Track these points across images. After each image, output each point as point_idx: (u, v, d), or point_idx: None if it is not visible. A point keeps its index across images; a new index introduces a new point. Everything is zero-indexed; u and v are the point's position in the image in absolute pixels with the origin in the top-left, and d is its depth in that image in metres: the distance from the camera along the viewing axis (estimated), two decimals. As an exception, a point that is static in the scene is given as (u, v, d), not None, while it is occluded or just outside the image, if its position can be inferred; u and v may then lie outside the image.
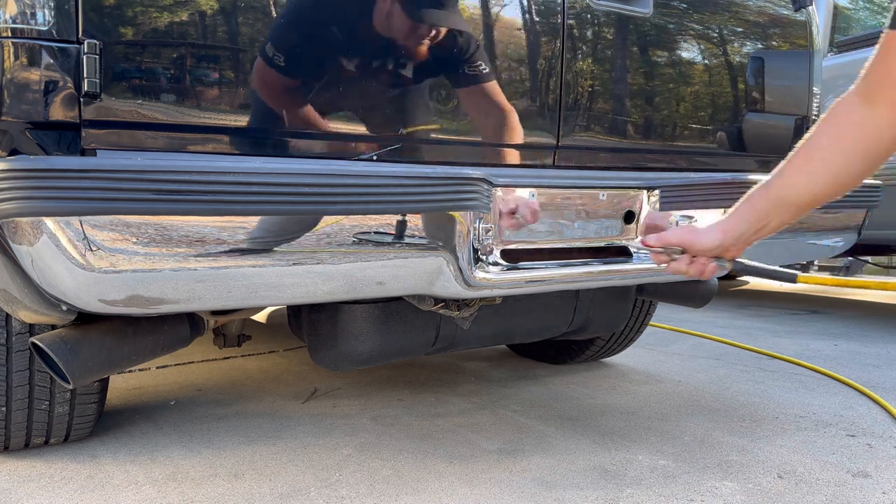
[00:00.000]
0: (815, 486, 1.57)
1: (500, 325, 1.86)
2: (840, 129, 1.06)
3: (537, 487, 1.55)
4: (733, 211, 1.18)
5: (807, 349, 3.09)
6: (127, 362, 1.46)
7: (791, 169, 1.12)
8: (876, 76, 1.01)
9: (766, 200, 1.15)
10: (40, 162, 0.99)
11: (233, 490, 1.52)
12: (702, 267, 1.21)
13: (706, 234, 1.19)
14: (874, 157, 1.07)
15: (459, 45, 1.40)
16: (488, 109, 1.44)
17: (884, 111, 1.02)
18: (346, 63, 1.28)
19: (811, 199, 1.11)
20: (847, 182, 1.09)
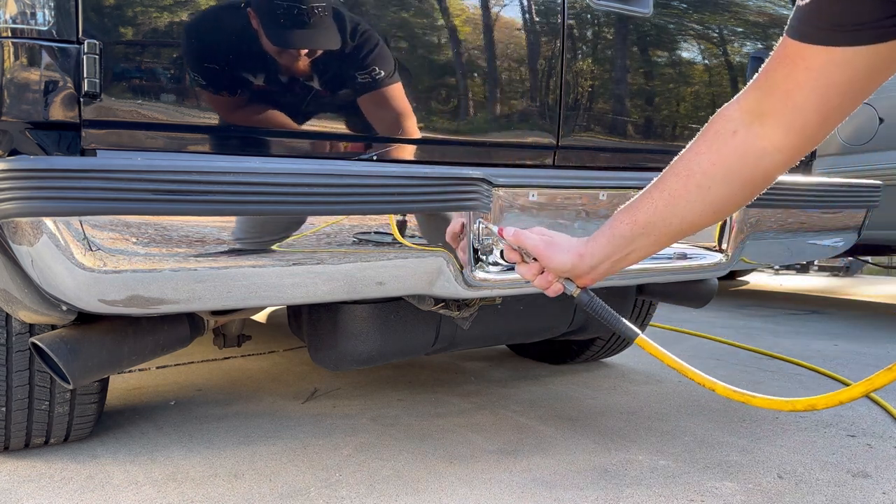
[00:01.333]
0: (816, 487, 1.57)
1: (500, 325, 1.86)
2: (722, 152, 0.91)
3: (537, 488, 1.55)
4: (595, 234, 1.04)
5: (807, 349, 3.09)
6: (127, 362, 1.46)
7: (663, 192, 0.96)
8: (771, 92, 0.86)
9: (631, 226, 0.99)
10: (40, 162, 0.99)
11: (233, 490, 1.52)
12: (546, 283, 1.08)
13: (562, 252, 1.05)
14: (758, 186, 0.94)
15: (461, 46, 1.40)
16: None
17: (775, 135, 0.88)
18: (346, 63, 1.28)
19: (684, 227, 0.97)
20: (725, 211, 0.97)
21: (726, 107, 0.94)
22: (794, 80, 0.82)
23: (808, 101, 0.83)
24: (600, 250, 1.02)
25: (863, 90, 0.82)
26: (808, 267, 7.45)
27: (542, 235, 1.08)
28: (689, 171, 0.94)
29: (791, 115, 0.85)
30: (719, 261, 1.68)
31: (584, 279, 1.06)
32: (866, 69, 0.79)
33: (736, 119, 0.91)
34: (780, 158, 0.90)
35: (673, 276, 1.67)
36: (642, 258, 1.03)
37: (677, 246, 1.68)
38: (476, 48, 1.43)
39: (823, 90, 0.81)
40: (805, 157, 1.95)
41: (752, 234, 1.70)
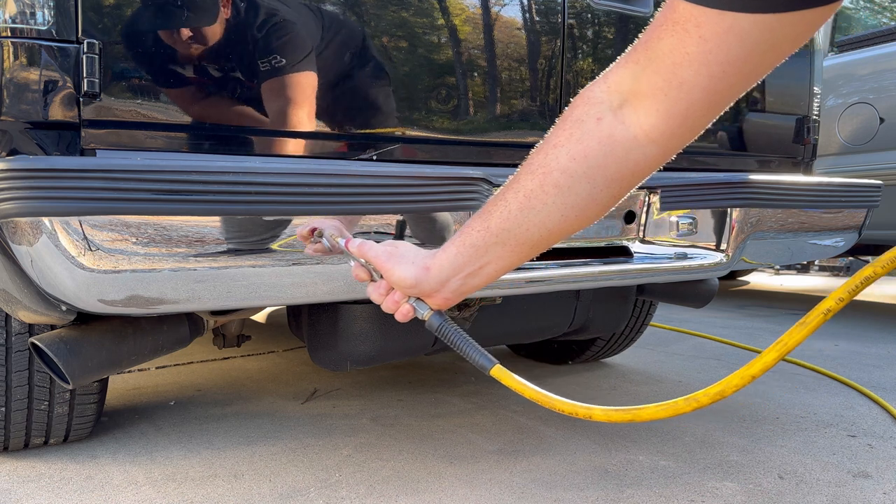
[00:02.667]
0: (816, 487, 1.57)
1: (501, 325, 1.86)
2: (584, 143, 0.75)
3: (538, 488, 1.54)
4: (445, 244, 0.87)
5: (807, 349, 3.09)
6: (126, 362, 1.46)
7: (517, 194, 0.80)
8: (652, 67, 0.70)
9: (483, 233, 0.83)
10: (40, 162, 0.99)
11: (232, 490, 1.52)
12: (394, 305, 0.91)
13: (405, 265, 0.89)
14: (629, 182, 0.78)
15: (461, 45, 1.40)
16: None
17: (651, 121, 0.72)
18: (346, 63, 1.28)
19: (544, 235, 0.81)
20: (591, 214, 0.80)
21: (590, 87, 0.76)
22: (684, 53, 0.66)
23: (697, 80, 0.67)
24: (449, 263, 0.86)
25: (758, 71, 0.69)
26: (809, 267, 7.45)
27: (388, 246, 0.92)
28: (546, 167, 0.77)
29: (675, 95, 0.69)
30: (720, 261, 1.68)
31: (434, 298, 0.89)
32: (770, 42, 0.66)
33: (602, 102, 0.74)
34: (654, 152, 0.75)
35: (673, 276, 1.66)
36: (500, 273, 0.86)
37: (677, 246, 1.67)
38: (476, 48, 1.43)
39: (717, 66, 0.66)
40: (806, 150, 1.96)
41: (753, 234, 1.70)
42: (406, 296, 0.91)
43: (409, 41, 1.36)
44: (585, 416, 0.80)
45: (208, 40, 1.16)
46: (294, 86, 1.24)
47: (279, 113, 1.23)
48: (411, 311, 0.91)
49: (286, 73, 1.23)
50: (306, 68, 1.25)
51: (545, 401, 0.83)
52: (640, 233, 1.62)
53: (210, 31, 1.16)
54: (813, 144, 1.99)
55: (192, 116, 1.16)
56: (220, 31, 1.17)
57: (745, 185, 1.63)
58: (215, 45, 1.17)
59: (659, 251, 1.66)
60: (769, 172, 1.90)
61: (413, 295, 0.91)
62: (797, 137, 1.93)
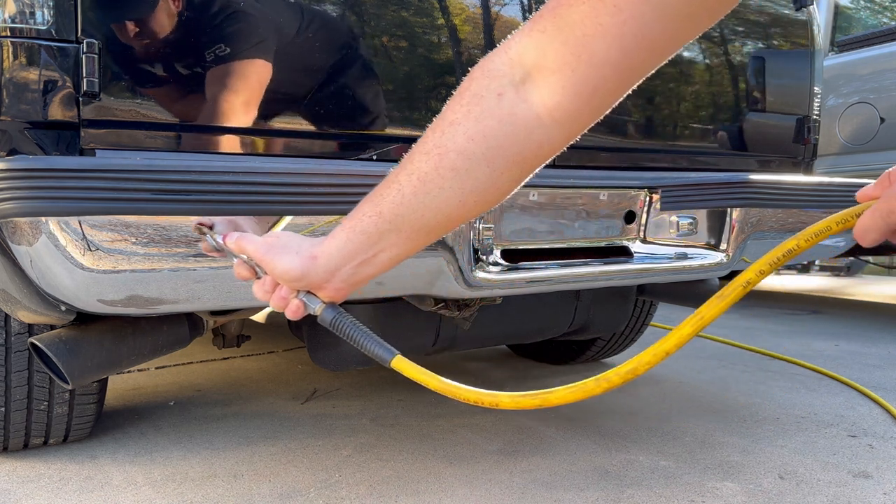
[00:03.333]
0: (817, 487, 1.57)
1: (501, 325, 1.85)
2: (483, 122, 0.68)
3: (538, 488, 1.54)
4: (334, 230, 0.79)
5: (808, 349, 3.09)
6: (126, 363, 1.46)
7: (411, 176, 0.73)
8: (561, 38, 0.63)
9: (375, 219, 0.75)
10: (39, 162, 0.99)
11: (232, 491, 1.52)
12: (282, 302, 0.83)
13: (288, 255, 0.80)
14: (531, 164, 0.72)
15: (461, 45, 1.40)
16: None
17: (556, 98, 0.66)
18: (346, 63, 1.28)
19: (442, 221, 0.74)
20: (492, 198, 0.74)
21: (490, 57, 0.69)
22: (596, 23, 0.61)
23: (608, 54, 0.62)
24: (338, 250, 0.78)
25: (672, 46, 0.64)
26: (810, 267, 7.45)
27: (269, 238, 0.84)
28: (442, 148, 0.70)
29: (583, 71, 0.63)
30: (720, 261, 1.68)
31: (325, 290, 0.81)
32: (688, 13, 0.61)
33: (504, 76, 0.67)
34: (558, 134, 0.69)
35: (673, 276, 1.66)
36: (396, 261, 0.79)
37: (677, 246, 1.67)
38: (476, 48, 1.43)
39: (631, 40, 0.61)
40: (806, 150, 1.95)
41: (754, 234, 1.70)
42: (294, 290, 0.83)
43: (410, 41, 1.36)
44: (492, 404, 0.75)
45: (208, 40, 1.16)
46: (295, 86, 1.24)
47: (278, 113, 1.23)
48: (301, 306, 0.83)
49: (288, 73, 1.23)
50: (308, 70, 1.25)
51: (451, 391, 0.78)
52: (641, 233, 1.61)
53: (210, 30, 1.16)
54: (813, 144, 1.99)
55: (191, 116, 1.16)
56: (220, 31, 1.17)
57: (746, 185, 1.63)
58: (216, 45, 1.17)
59: (659, 251, 1.66)
60: (769, 172, 1.90)
61: (301, 288, 0.82)
62: (797, 137, 1.93)
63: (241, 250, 0.86)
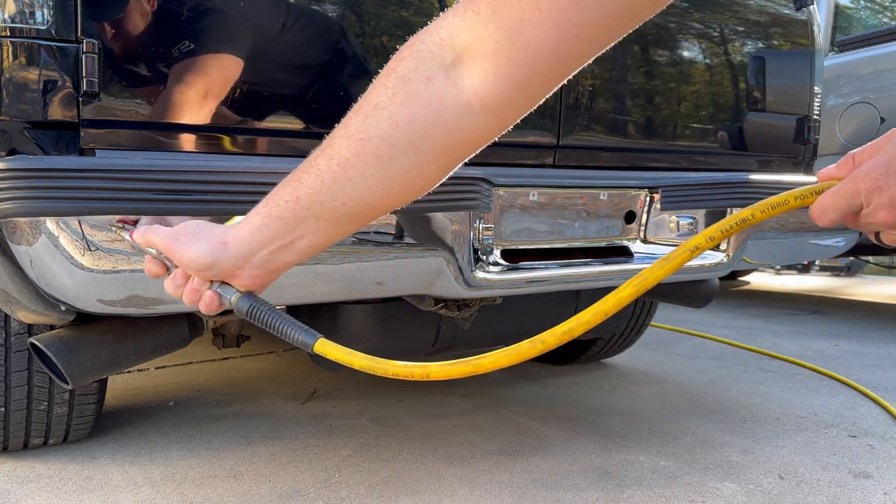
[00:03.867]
0: (817, 487, 1.56)
1: (501, 325, 1.85)
2: (410, 107, 0.64)
3: (538, 488, 1.54)
4: (248, 215, 0.75)
5: (808, 349, 3.09)
6: (126, 363, 1.46)
7: (331, 161, 0.68)
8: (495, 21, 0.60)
9: (292, 204, 0.71)
10: (39, 161, 0.99)
11: (232, 491, 1.52)
12: (195, 295, 0.77)
13: (197, 242, 0.75)
14: (460, 153, 0.68)
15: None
16: None
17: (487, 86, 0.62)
18: (346, 62, 1.28)
19: (364, 210, 0.70)
20: (417, 187, 0.70)
21: (419, 37, 0.66)
22: (535, 8, 0.58)
23: (545, 42, 0.59)
24: (251, 235, 0.73)
25: (610, 37, 0.62)
26: (810, 267, 7.44)
27: (177, 227, 0.79)
28: (365, 133, 0.66)
29: (517, 58, 0.60)
30: (720, 261, 1.68)
31: (239, 278, 0.76)
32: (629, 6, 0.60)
33: (434, 58, 0.64)
34: (489, 122, 0.65)
35: (674, 276, 1.66)
36: (316, 249, 0.75)
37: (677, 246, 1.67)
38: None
39: (570, 29, 0.58)
40: (806, 150, 1.95)
41: (754, 234, 1.70)
42: (206, 281, 0.77)
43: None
44: (422, 376, 0.71)
45: (208, 40, 1.16)
46: (295, 86, 1.24)
47: (279, 112, 1.23)
48: (216, 298, 0.77)
49: (288, 73, 1.22)
50: (308, 69, 1.24)
51: (377, 368, 0.74)
52: (641, 233, 1.61)
53: (210, 30, 1.16)
54: (813, 144, 1.98)
55: (191, 116, 1.16)
56: (220, 31, 1.17)
57: (746, 185, 1.63)
58: (215, 45, 1.17)
59: (659, 251, 1.66)
60: (770, 172, 1.90)
61: (213, 278, 0.76)
62: (798, 137, 1.93)
63: (147, 243, 0.81)
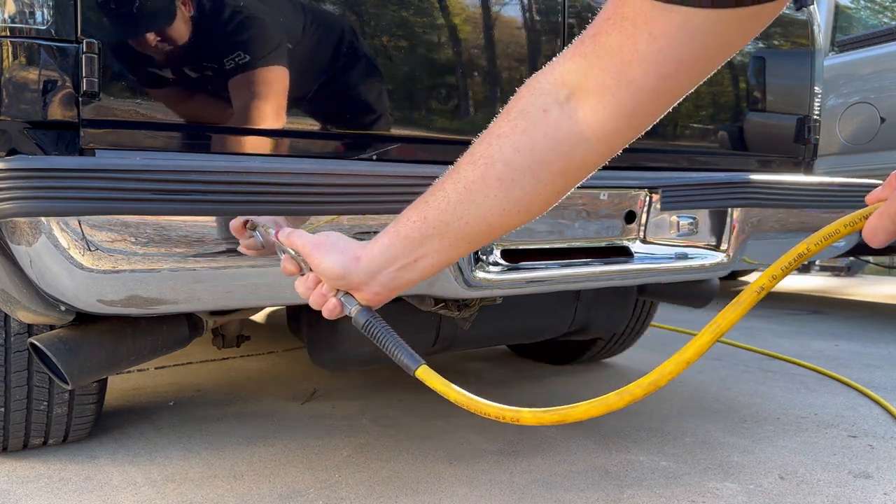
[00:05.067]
0: (817, 487, 1.56)
1: (501, 325, 1.85)
2: (529, 136, 0.72)
3: (538, 488, 1.54)
4: (379, 234, 0.83)
5: (808, 349, 3.09)
6: (126, 363, 1.46)
7: (457, 184, 0.76)
8: (600, 64, 0.66)
9: (420, 224, 0.78)
10: (39, 161, 0.99)
11: (232, 491, 1.52)
12: (321, 299, 0.86)
13: (334, 254, 0.84)
14: (574, 177, 0.75)
15: (461, 45, 1.39)
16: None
17: (598, 118, 0.69)
18: (346, 62, 1.28)
19: (485, 229, 0.77)
20: (535, 209, 0.77)
21: (537, 76, 0.73)
22: (633, 50, 0.63)
23: (646, 79, 0.65)
24: (381, 253, 0.81)
25: (708, 69, 0.66)
26: (810, 267, 7.45)
27: (319, 236, 0.87)
28: (489, 159, 0.74)
29: (623, 94, 0.66)
30: (720, 261, 1.68)
31: (363, 292, 0.84)
32: (722, 39, 0.63)
33: (549, 94, 0.71)
34: (600, 148, 0.72)
35: (674, 276, 1.66)
36: (437, 268, 0.81)
37: (678, 246, 1.67)
38: (476, 48, 1.43)
39: (668, 65, 0.64)
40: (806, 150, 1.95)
41: (754, 234, 1.70)
42: (334, 289, 0.86)
43: (409, 41, 1.35)
44: (513, 420, 0.76)
45: (208, 40, 1.16)
46: (295, 86, 1.24)
47: (278, 113, 1.23)
48: (339, 305, 0.85)
49: (289, 73, 1.22)
50: (308, 69, 1.24)
51: (472, 405, 0.79)
52: (641, 233, 1.61)
53: (210, 30, 1.16)
54: (814, 144, 1.98)
55: (191, 116, 1.16)
56: (220, 31, 1.16)
57: (746, 185, 1.63)
58: (215, 45, 1.16)
59: (659, 251, 1.66)
60: (770, 172, 1.90)
61: (341, 287, 0.85)
62: (798, 137, 1.93)
63: (290, 245, 0.89)
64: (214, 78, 1.17)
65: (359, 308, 0.85)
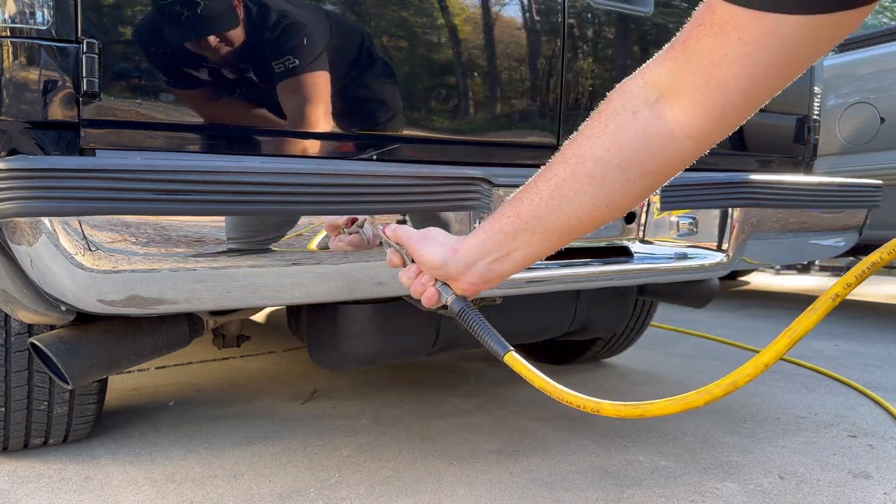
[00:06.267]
0: (817, 487, 1.57)
1: (501, 325, 1.85)
2: (619, 135, 0.76)
3: (537, 488, 1.54)
4: (476, 229, 0.90)
5: (808, 349, 3.09)
6: (126, 363, 1.46)
7: (549, 182, 0.82)
8: (690, 67, 0.70)
9: (513, 219, 0.85)
10: (39, 161, 0.99)
11: (232, 491, 1.52)
12: (420, 288, 0.94)
13: (434, 245, 0.92)
14: (663, 175, 0.79)
15: (461, 45, 1.40)
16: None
17: (688, 118, 0.73)
18: (346, 63, 1.28)
19: (575, 224, 0.82)
20: (624, 204, 0.81)
21: (627, 81, 0.77)
22: (723, 54, 0.67)
23: (736, 81, 0.68)
24: (477, 246, 0.88)
25: (796, 71, 0.69)
26: (810, 267, 7.45)
27: (422, 230, 0.95)
28: (580, 157, 0.79)
29: (712, 95, 0.70)
30: (720, 261, 1.68)
31: (459, 283, 0.91)
32: (810, 43, 0.65)
33: (638, 96, 0.75)
34: (690, 147, 0.75)
35: (674, 276, 1.66)
36: (528, 261, 0.87)
37: (678, 246, 1.67)
38: (476, 48, 1.43)
39: (757, 69, 0.67)
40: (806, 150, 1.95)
41: (754, 234, 1.70)
42: (433, 279, 0.94)
43: (409, 41, 1.36)
44: (594, 410, 0.82)
45: (208, 40, 1.16)
46: (295, 86, 1.24)
47: (278, 113, 1.23)
48: (436, 294, 0.93)
49: (288, 73, 1.22)
50: (308, 69, 1.24)
51: (555, 392, 0.84)
52: (641, 233, 1.61)
53: (210, 30, 1.16)
54: (813, 144, 1.99)
55: (191, 116, 1.16)
56: (220, 31, 1.17)
57: (746, 185, 1.63)
58: (215, 45, 1.17)
59: (659, 251, 1.66)
60: (770, 172, 1.90)
61: (440, 277, 0.93)
62: (798, 137, 1.93)
63: (396, 239, 0.98)
64: (214, 78, 1.17)
65: (454, 297, 0.92)
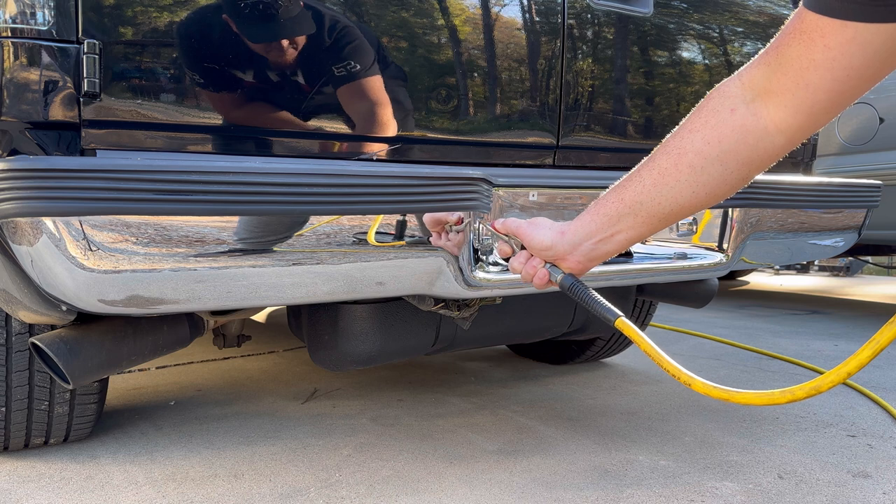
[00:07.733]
0: (816, 487, 1.57)
1: (501, 325, 1.86)
2: (718, 130, 0.86)
3: (537, 488, 1.54)
4: (582, 213, 0.99)
5: (807, 349, 3.09)
6: (126, 362, 1.46)
7: (652, 171, 0.92)
8: (782, 70, 0.79)
9: (617, 204, 0.94)
10: (40, 162, 0.99)
11: (232, 490, 1.52)
12: (532, 270, 1.02)
13: (543, 229, 1.01)
14: (757, 166, 0.88)
15: (461, 46, 1.40)
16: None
17: (780, 115, 0.82)
18: (346, 62, 1.28)
19: (675, 209, 0.91)
20: (720, 193, 0.90)
21: (725, 82, 0.88)
22: (810, 59, 0.75)
23: (822, 82, 0.76)
24: (583, 228, 0.97)
25: (877, 75, 0.76)
26: (809, 267, 7.45)
27: (528, 220, 1.05)
28: (682, 149, 0.89)
29: (801, 95, 0.78)
30: (720, 261, 1.68)
31: (567, 261, 1.00)
32: (891, 49, 0.72)
33: (736, 96, 0.85)
34: (782, 141, 0.84)
35: (673, 276, 1.66)
36: (630, 242, 0.96)
37: (677, 246, 1.68)
38: (476, 48, 1.43)
39: (840, 72, 0.75)
40: (805, 150, 1.95)
41: (753, 234, 1.70)
42: (543, 261, 1.02)
43: (409, 41, 1.36)
44: (686, 382, 0.88)
45: (207, 40, 1.16)
46: (295, 86, 1.24)
47: (279, 113, 1.23)
48: (546, 275, 1.01)
49: (288, 73, 1.23)
50: (308, 69, 1.25)
51: (658, 359, 0.91)
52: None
53: (209, 30, 1.16)
54: (812, 144, 1.99)
55: (191, 116, 1.16)
56: (219, 31, 1.17)
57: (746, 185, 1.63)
58: (215, 45, 1.17)
59: (659, 251, 1.66)
60: (769, 172, 1.90)
61: (548, 259, 1.01)
62: (797, 137, 1.93)
63: (505, 229, 1.07)
64: (214, 78, 1.17)
65: (563, 275, 1.00)
